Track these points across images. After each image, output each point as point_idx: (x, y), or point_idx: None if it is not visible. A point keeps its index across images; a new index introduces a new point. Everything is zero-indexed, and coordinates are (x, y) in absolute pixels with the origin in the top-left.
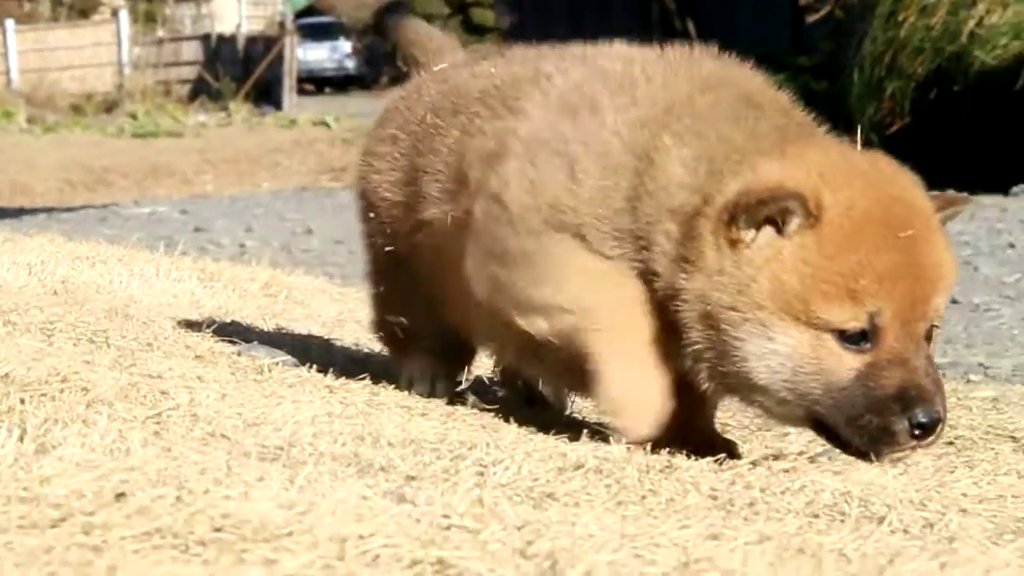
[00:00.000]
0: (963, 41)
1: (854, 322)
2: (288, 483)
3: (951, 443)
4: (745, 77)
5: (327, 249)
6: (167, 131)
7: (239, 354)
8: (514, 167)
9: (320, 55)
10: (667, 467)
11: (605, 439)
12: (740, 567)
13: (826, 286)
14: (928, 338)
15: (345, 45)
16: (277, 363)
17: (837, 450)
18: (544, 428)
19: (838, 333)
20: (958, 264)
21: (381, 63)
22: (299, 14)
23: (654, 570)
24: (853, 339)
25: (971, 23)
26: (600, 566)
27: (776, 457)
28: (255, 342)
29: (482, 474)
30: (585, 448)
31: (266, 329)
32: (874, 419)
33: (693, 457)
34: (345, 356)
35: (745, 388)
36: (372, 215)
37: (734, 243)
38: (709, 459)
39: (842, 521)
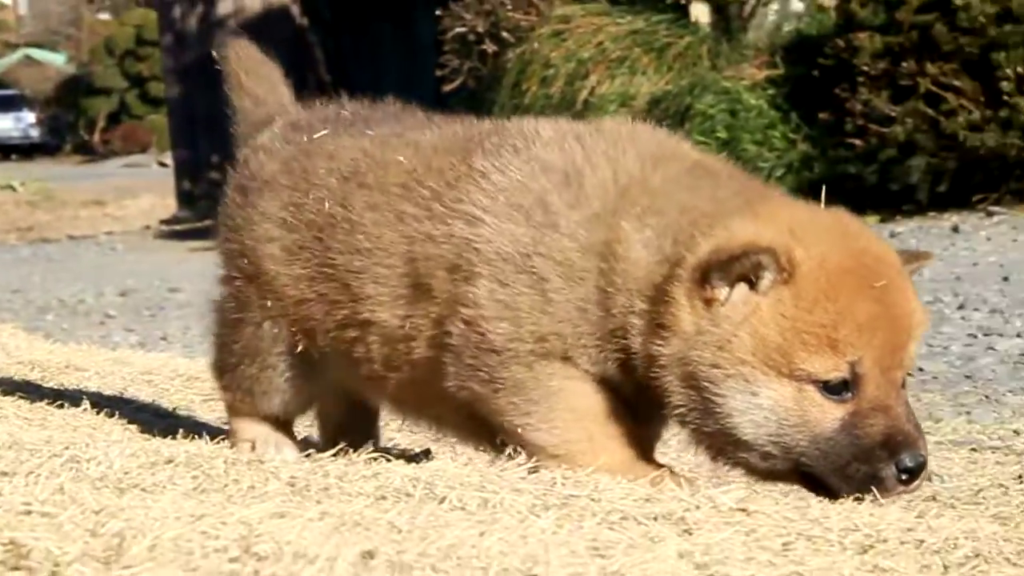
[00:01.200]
0: (579, 108)
1: (836, 372)
2: None
3: None
4: (685, 147)
5: (4, 297)
6: None
7: None
8: (485, 290)
9: (6, 124)
10: (254, 460)
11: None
12: (296, 538)
13: (807, 337)
14: (902, 384)
15: (29, 115)
16: None
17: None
18: (149, 430)
19: (821, 384)
20: None
21: (64, 132)
22: None
23: (215, 543)
24: (835, 389)
25: (584, 92)
26: (164, 541)
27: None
28: None
29: (75, 469)
30: (181, 446)
31: None
32: (862, 467)
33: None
34: None
35: (730, 445)
36: (254, 293)
37: (709, 302)
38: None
39: (406, 501)
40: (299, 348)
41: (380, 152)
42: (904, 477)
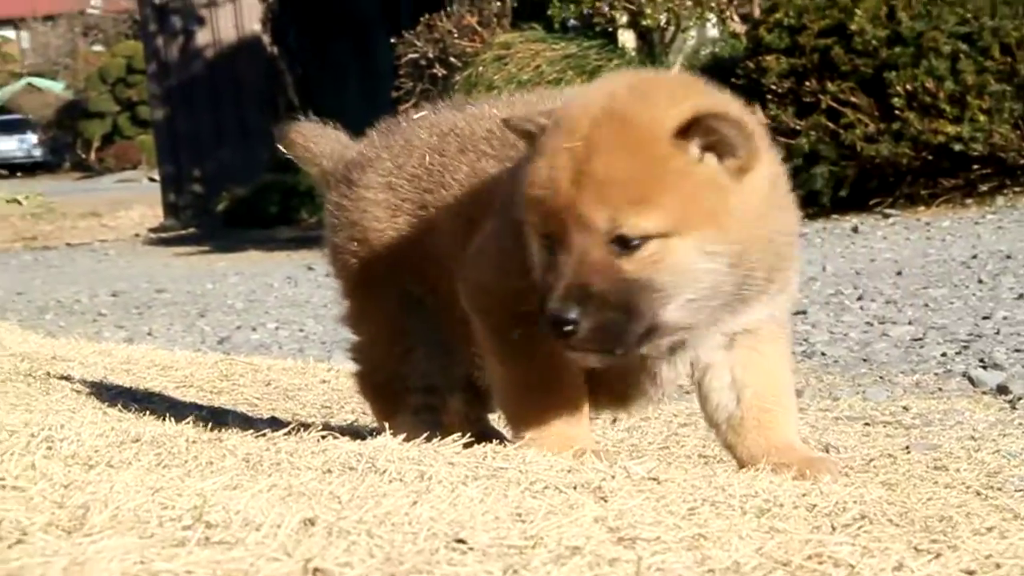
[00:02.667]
0: None
1: None
2: None
3: None
4: None
5: (8, 299)
6: None
7: None
8: None
9: (10, 145)
10: (214, 439)
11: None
12: (245, 507)
13: None
14: None
15: (32, 137)
16: None
17: None
18: (112, 409)
19: None
20: None
21: (63, 152)
22: None
23: (171, 513)
24: None
25: None
26: (124, 511)
27: (307, 426)
28: None
29: (50, 448)
30: (148, 426)
31: None
32: None
33: (241, 429)
34: None
35: None
36: (374, 266)
37: None
38: (253, 431)
39: (349, 474)
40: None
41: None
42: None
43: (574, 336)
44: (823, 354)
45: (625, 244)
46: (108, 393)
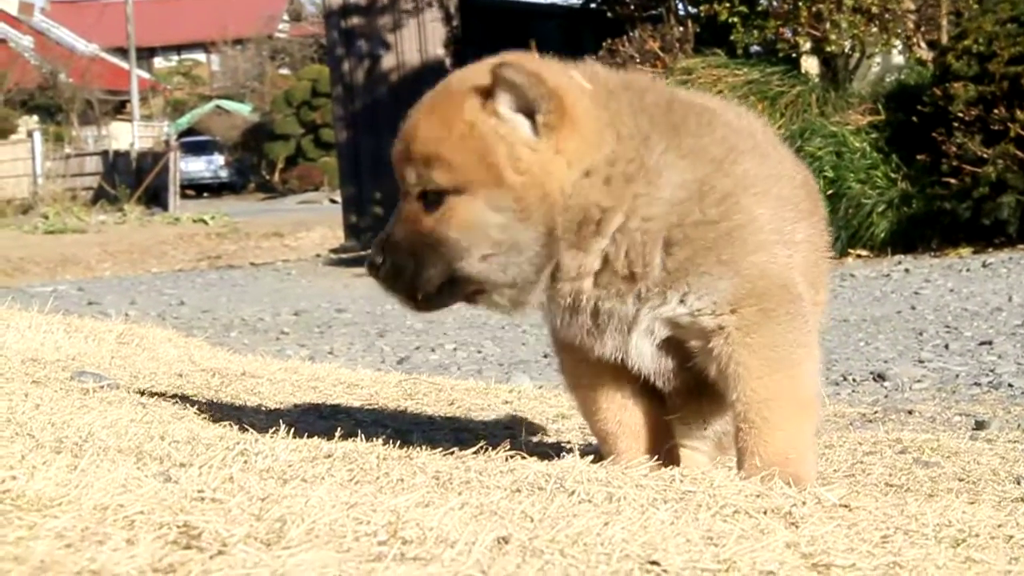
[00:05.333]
0: None
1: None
2: (71, 468)
3: None
4: None
5: (195, 316)
6: (73, 228)
7: (71, 379)
8: None
9: (199, 166)
10: (404, 456)
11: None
12: (438, 524)
13: None
14: None
15: (219, 158)
16: (102, 386)
17: None
18: (312, 429)
19: None
20: None
21: (248, 173)
22: (181, 134)
23: (366, 528)
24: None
25: None
26: (320, 525)
27: (495, 445)
28: (87, 371)
29: (244, 461)
30: (339, 443)
31: (106, 365)
32: None
33: (428, 447)
34: (169, 383)
35: None
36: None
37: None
38: (441, 449)
39: (539, 494)
40: None
41: None
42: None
43: (378, 276)
44: (1010, 385)
45: (429, 200)
46: (296, 409)
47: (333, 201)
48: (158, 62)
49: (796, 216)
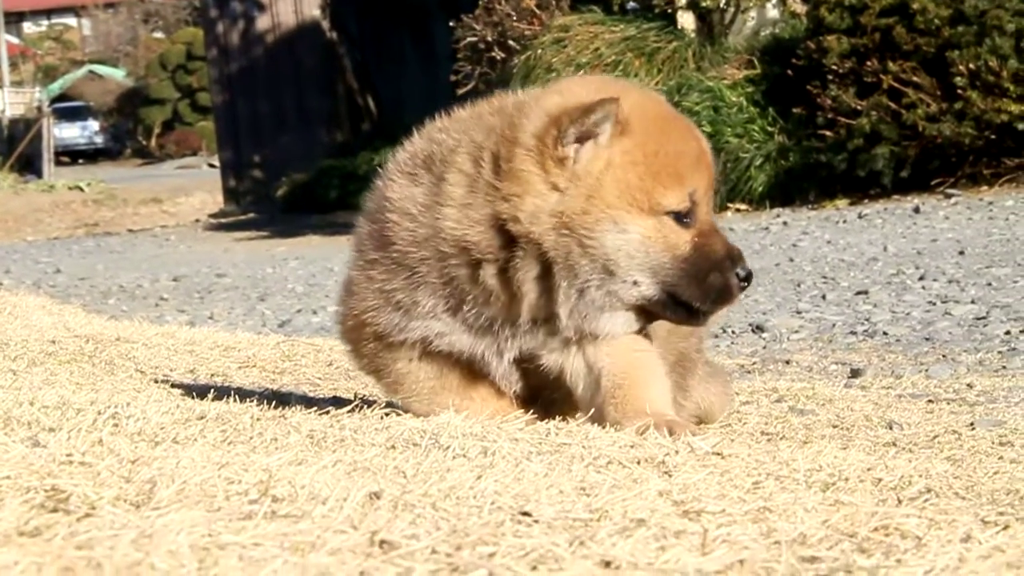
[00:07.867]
0: None
1: (685, 203)
2: None
3: None
4: None
5: (72, 284)
6: None
7: None
8: None
9: (73, 132)
10: (278, 416)
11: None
12: (310, 482)
13: (660, 176)
14: None
15: (94, 124)
16: None
17: None
18: (186, 392)
19: (673, 214)
20: None
21: (124, 138)
22: (54, 99)
23: (237, 487)
24: (683, 217)
25: None
26: (191, 486)
27: (370, 404)
28: None
29: (115, 424)
30: (212, 404)
31: None
32: (717, 276)
33: (304, 407)
34: (41, 349)
35: (604, 279)
36: None
37: (561, 160)
38: (316, 409)
39: (413, 450)
40: None
41: None
42: (744, 284)
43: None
44: (885, 333)
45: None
46: (172, 373)
47: (212, 166)
48: (27, 27)
49: None
